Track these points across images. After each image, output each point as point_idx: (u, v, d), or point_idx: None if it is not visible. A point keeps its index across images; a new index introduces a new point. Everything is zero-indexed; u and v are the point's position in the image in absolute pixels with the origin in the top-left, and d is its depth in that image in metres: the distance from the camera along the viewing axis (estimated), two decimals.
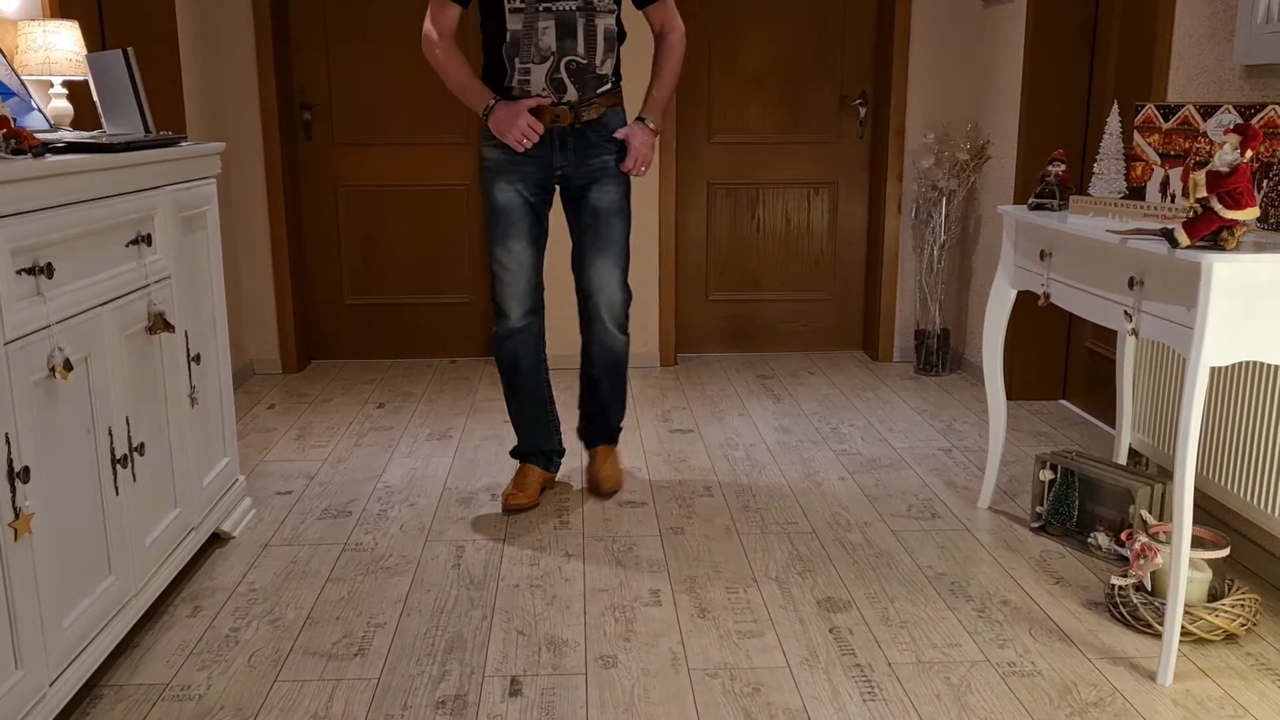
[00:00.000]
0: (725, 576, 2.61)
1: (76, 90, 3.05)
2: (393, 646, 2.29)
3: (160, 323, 2.33)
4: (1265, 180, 2.22)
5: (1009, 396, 3.54)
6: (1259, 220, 2.20)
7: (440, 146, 4.57)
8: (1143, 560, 2.32)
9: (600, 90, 2.83)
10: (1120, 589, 2.38)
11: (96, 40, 3.57)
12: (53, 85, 2.86)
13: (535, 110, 2.78)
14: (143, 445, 2.26)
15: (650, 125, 2.91)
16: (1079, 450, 2.97)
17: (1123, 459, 3.04)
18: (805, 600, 2.49)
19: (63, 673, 1.91)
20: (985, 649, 2.26)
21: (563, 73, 2.75)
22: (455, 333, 4.76)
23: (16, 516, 1.75)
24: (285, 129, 4.43)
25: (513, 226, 2.88)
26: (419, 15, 2.87)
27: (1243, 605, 2.28)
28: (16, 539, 1.75)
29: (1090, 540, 2.70)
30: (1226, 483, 2.58)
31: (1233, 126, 1.98)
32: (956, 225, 4.46)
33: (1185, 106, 2.46)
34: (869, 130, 4.69)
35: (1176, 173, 2.46)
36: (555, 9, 2.71)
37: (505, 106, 2.77)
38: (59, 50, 2.79)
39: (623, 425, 3.23)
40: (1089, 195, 2.64)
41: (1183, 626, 2.22)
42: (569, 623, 2.39)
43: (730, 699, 2.08)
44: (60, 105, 2.84)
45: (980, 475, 3.26)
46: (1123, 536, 2.47)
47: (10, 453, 1.74)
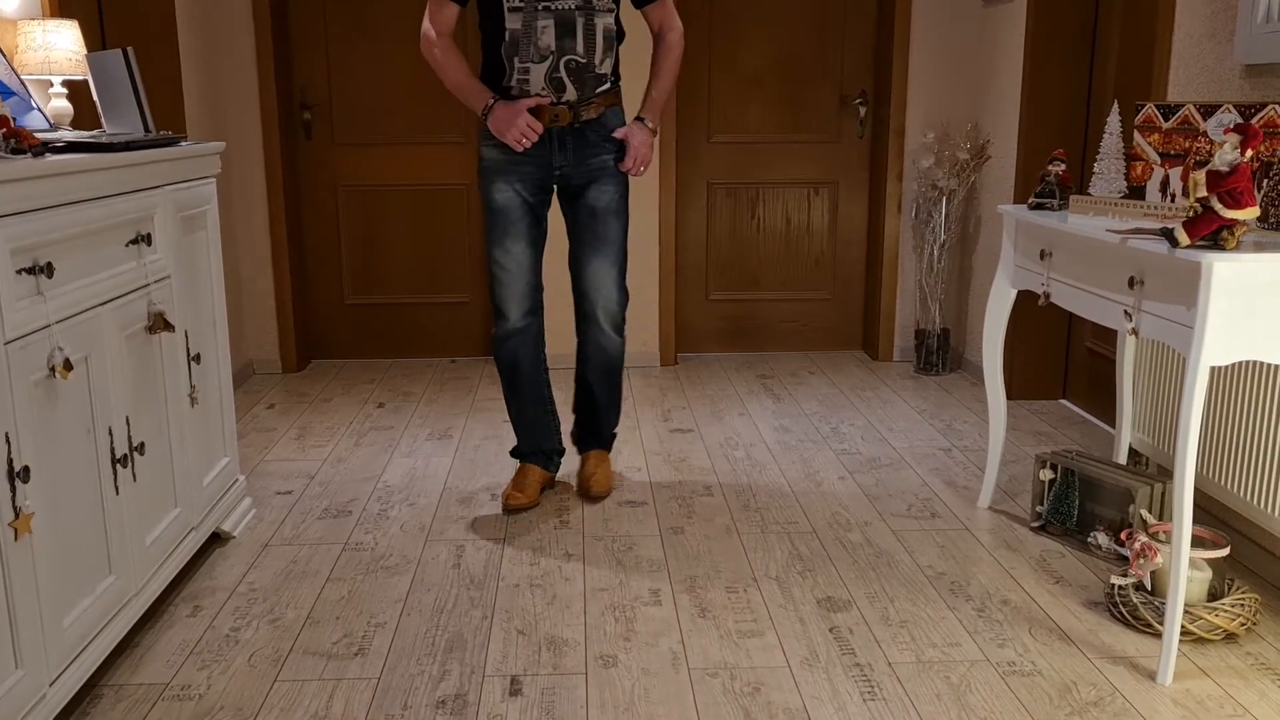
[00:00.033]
0: (725, 576, 2.61)
1: (76, 90, 3.06)
2: (393, 646, 2.29)
3: (160, 322, 2.33)
4: (1265, 180, 2.22)
5: (1009, 396, 3.55)
6: (1259, 220, 2.20)
7: (440, 146, 4.57)
8: (1143, 560, 2.32)
9: (599, 90, 2.83)
10: (1120, 588, 2.38)
11: (96, 40, 3.57)
12: (52, 85, 2.86)
13: (534, 110, 2.77)
14: (143, 445, 2.26)
15: (649, 125, 2.91)
16: (1079, 450, 2.97)
17: (1123, 459, 3.04)
18: (805, 600, 2.49)
19: (63, 672, 1.91)
20: (985, 648, 2.26)
21: (562, 72, 2.75)
22: (455, 332, 4.76)
23: (16, 516, 1.75)
24: (285, 129, 4.43)
25: (511, 227, 2.88)
26: (419, 15, 2.87)
27: (1243, 605, 2.28)
28: (16, 539, 1.75)
29: (1090, 540, 2.70)
30: (1226, 483, 2.58)
31: (1233, 126, 1.98)
32: (956, 225, 4.46)
33: (1185, 106, 2.46)
34: (869, 130, 4.69)
35: (1176, 172, 2.46)
36: (554, 8, 2.71)
37: (504, 106, 2.77)
38: (59, 50, 2.79)
39: (616, 432, 3.21)
40: (1089, 195, 2.64)
41: (1183, 626, 2.22)
42: (569, 622, 2.39)
43: (730, 699, 2.08)
44: (60, 105, 2.84)
45: (980, 475, 3.26)
46: (1123, 536, 2.47)
47: (10, 452, 1.74)
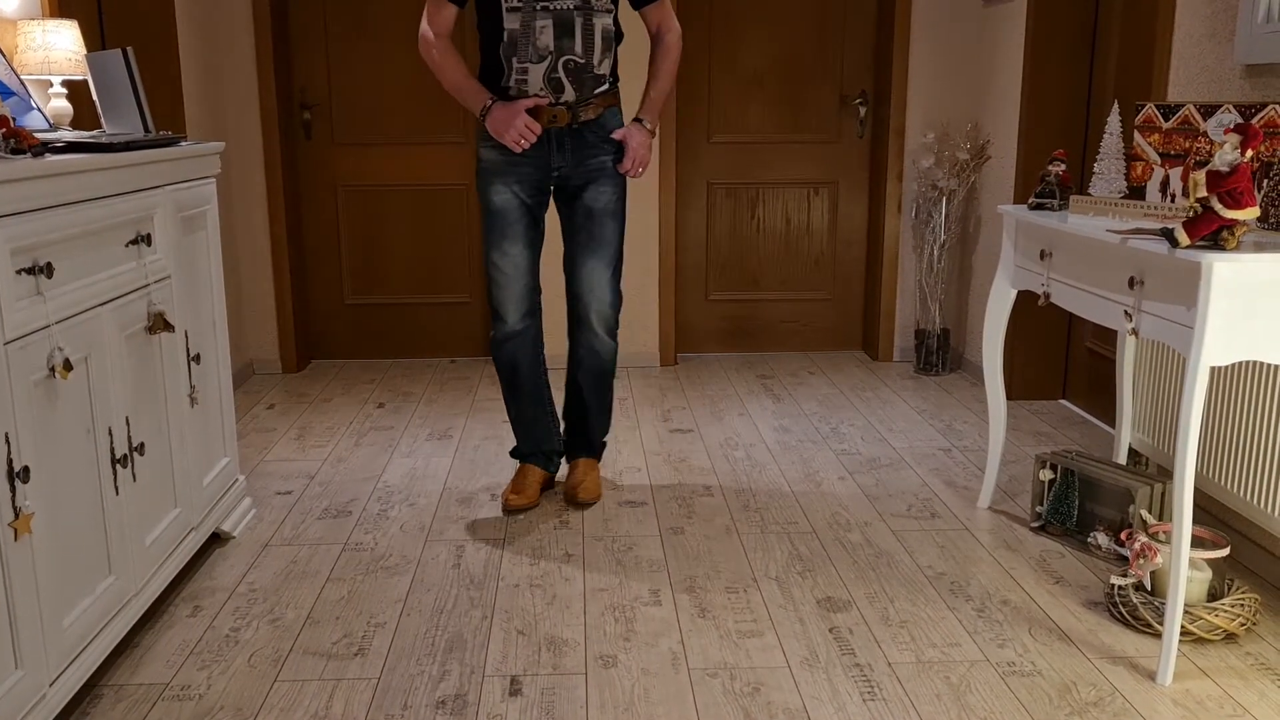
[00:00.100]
0: (725, 576, 2.61)
1: (76, 90, 3.05)
2: (393, 646, 2.29)
3: (160, 323, 2.33)
4: (1265, 180, 2.22)
5: (1009, 396, 3.55)
6: (1259, 220, 2.20)
7: (440, 146, 4.57)
8: (1142, 560, 2.32)
9: (598, 90, 2.83)
10: (1120, 589, 2.38)
11: (96, 40, 3.57)
12: (52, 85, 2.85)
13: (533, 110, 2.77)
14: (143, 445, 2.26)
15: (647, 126, 2.90)
16: (1079, 450, 2.97)
17: (1123, 459, 3.04)
18: (805, 600, 2.49)
19: (63, 672, 1.91)
20: (985, 649, 2.26)
21: (560, 72, 2.75)
22: (455, 333, 4.76)
23: (16, 516, 1.75)
24: (285, 129, 4.43)
25: (509, 229, 2.88)
26: (418, 15, 2.86)
27: (1242, 605, 2.28)
28: (16, 539, 1.75)
29: (1090, 540, 2.70)
30: (1226, 483, 2.58)
31: (1233, 126, 1.98)
32: (956, 225, 4.46)
33: (1185, 106, 2.46)
34: (869, 130, 4.69)
35: (1176, 172, 2.46)
36: (553, 8, 2.71)
37: (502, 107, 2.77)
38: (58, 50, 2.79)
39: (606, 441, 3.19)
40: (1089, 195, 2.64)
41: (1182, 626, 2.22)
42: (569, 622, 2.39)
43: (730, 699, 2.08)
44: (60, 105, 2.84)
45: (980, 475, 3.26)
46: (1123, 536, 2.47)
47: (10, 453, 1.74)
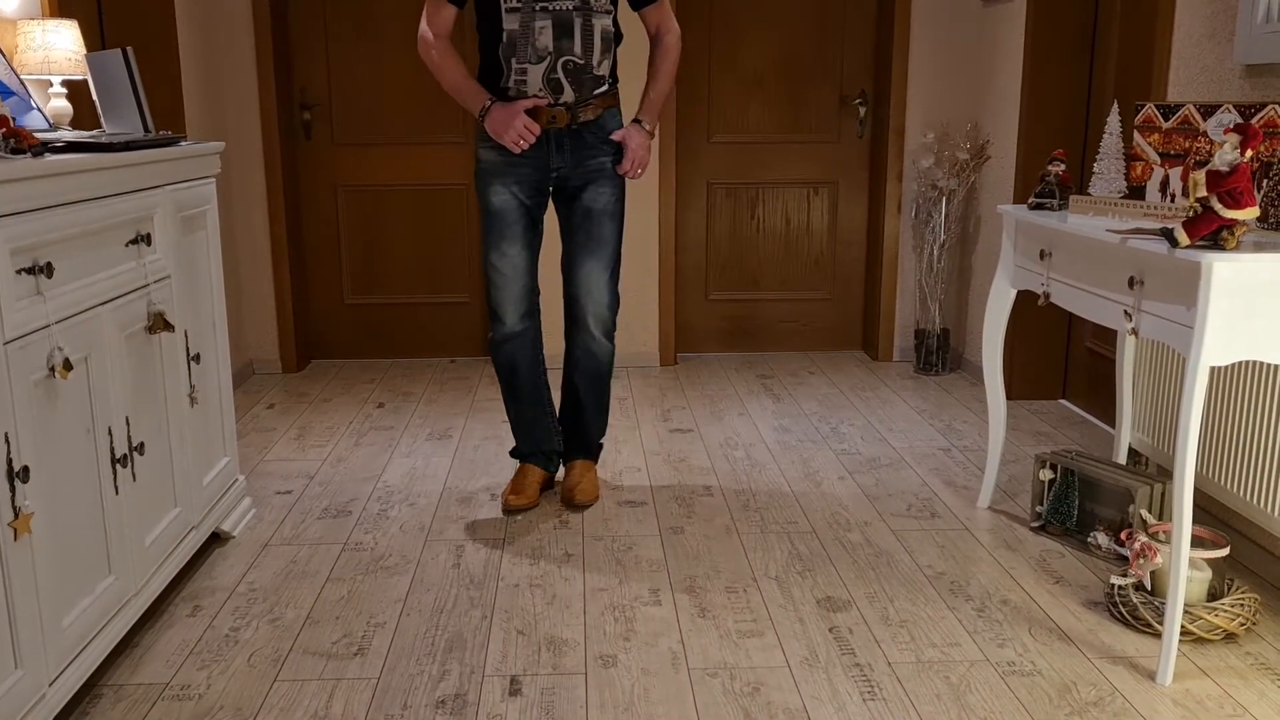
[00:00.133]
0: (725, 576, 2.61)
1: (76, 90, 3.05)
2: (393, 646, 2.29)
3: (160, 322, 2.33)
4: (1265, 180, 2.22)
5: (1009, 396, 3.55)
6: (1259, 220, 2.20)
7: (440, 146, 4.57)
8: (1142, 560, 2.32)
9: (597, 91, 2.83)
10: (1120, 588, 2.38)
11: (96, 40, 3.57)
12: (52, 84, 2.85)
13: (532, 111, 2.77)
14: (142, 445, 2.26)
15: (646, 127, 2.90)
16: (1079, 450, 2.97)
17: (1123, 459, 3.04)
18: (805, 600, 2.49)
19: (62, 672, 1.91)
20: (985, 648, 2.26)
21: (559, 73, 2.75)
22: (455, 332, 4.76)
23: (16, 516, 1.75)
24: (285, 129, 4.43)
25: (507, 230, 2.87)
26: (418, 15, 2.86)
27: (1242, 605, 2.28)
28: (16, 539, 1.75)
29: (1090, 540, 2.70)
30: (1226, 483, 2.58)
31: (1233, 126, 1.98)
32: (956, 225, 4.45)
33: (1185, 106, 2.46)
34: (869, 130, 4.69)
35: (1176, 172, 2.46)
36: (552, 9, 2.70)
37: (501, 107, 2.77)
38: (58, 49, 2.79)
39: (603, 443, 3.19)
40: (1089, 195, 2.64)
41: (1182, 626, 2.22)
42: (569, 622, 2.39)
43: (730, 699, 2.08)
44: (60, 104, 2.84)
45: (980, 475, 3.26)
46: (1122, 536, 2.47)
47: (10, 452, 1.74)
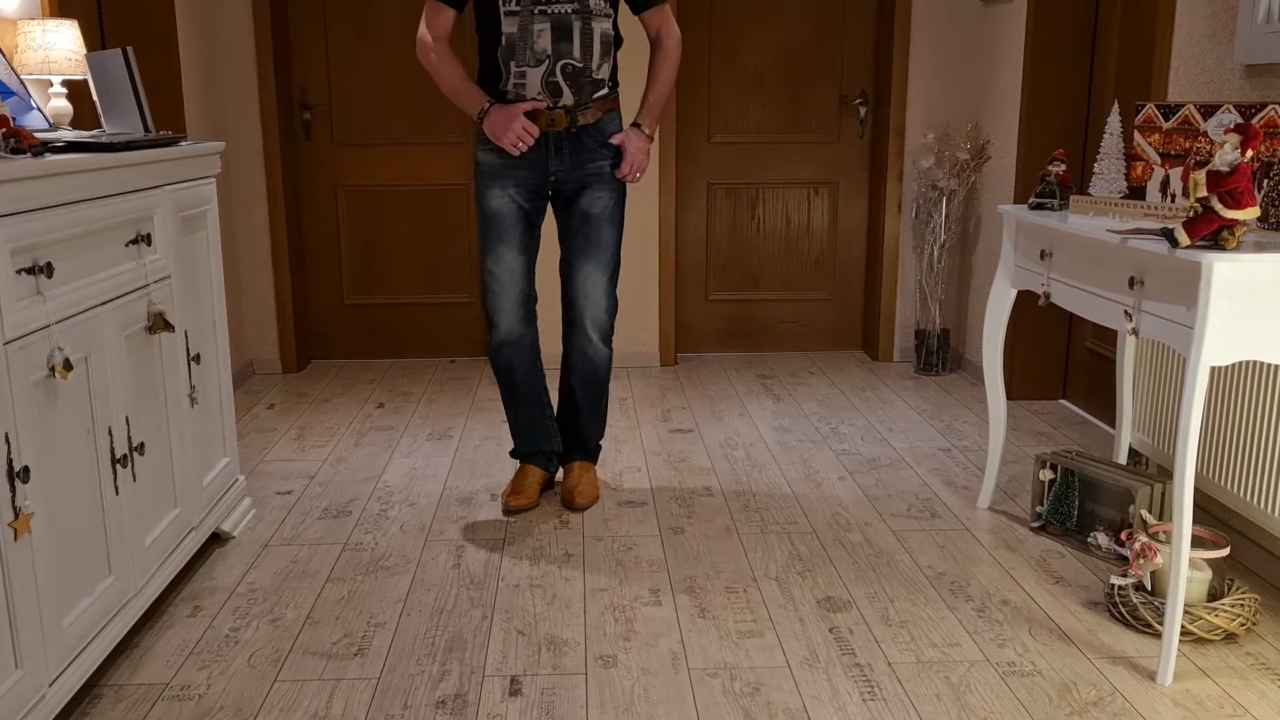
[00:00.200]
0: (725, 576, 2.61)
1: (76, 89, 3.05)
2: (393, 646, 2.29)
3: (160, 322, 2.33)
4: (1265, 180, 2.22)
5: (1009, 396, 3.55)
6: (1259, 220, 2.20)
7: (440, 146, 4.57)
8: (1142, 560, 2.32)
9: (596, 95, 2.82)
10: (1120, 589, 2.38)
11: (96, 40, 3.57)
12: (52, 84, 2.85)
13: (531, 114, 2.77)
14: (142, 445, 2.26)
15: (645, 131, 2.89)
16: (1079, 450, 2.97)
17: (1123, 459, 3.04)
18: (805, 600, 2.49)
19: (62, 673, 1.91)
20: (985, 649, 2.26)
21: (558, 76, 2.74)
22: (455, 333, 4.76)
23: (16, 516, 1.75)
24: (285, 129, 4.43)
25: (505, 234, 2.87)
26: (418, 16, 2.86)
27: (1242, 605, 2.28)
28: (16, 539, 1.75)
29: (1090, 540, 2.70)
30: (1226, 483, 2.58)
31: (1233, 126, 1.98)
32: (956, 225, 4.45)
33: (1185, 106, 2.46)
34: (869, 130, 4.69)
35: (1176, 172, 2.46)
36: (550, 12, 2.70)
37: (500, 110, 2.76)
38: (58, 49, 2.79)
39: (602, 444, 3.18)
40: (1089, 195, 2.64)
41: (1182, 626, 2.22)
42: (569, 622, 2.39)
43: (730, 699, 2.08)
44: (60, 104, 2.84)
45: (980, 475, 3.26)
46: (1123, 536, 2.47)
47: (10, 453, 1.74)
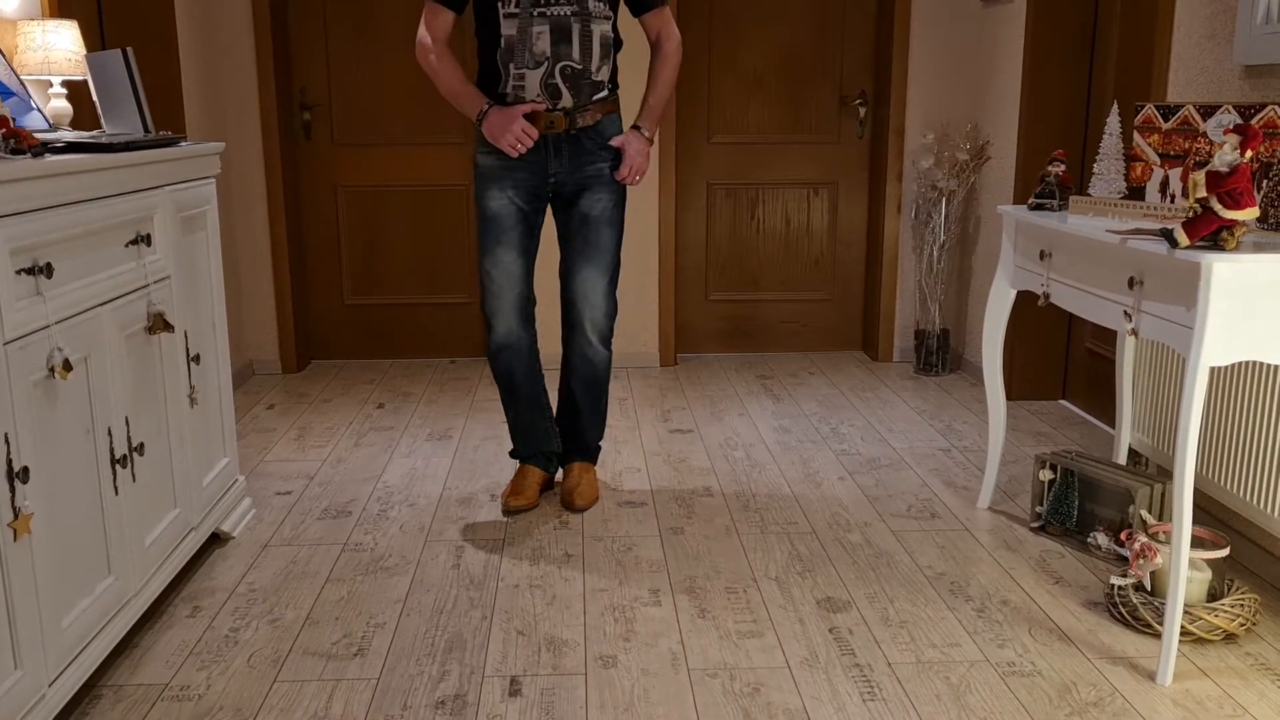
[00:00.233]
0: (725, 576, 2.61)
1: (76, 90, 3.05)
2: (392, 646, 2.29)
3: (160, 323, 2.33)
4: (1265, 180, 2.22)
5: (1009, 396, 3.54)
6: (1259, 220, 2.20)
7: (440, 146, 4.57)
8: (1142, 560, 2.32)
9: (596, 97, 2.82)
10: (1120, 589, 2.38)
11: (96, 40, 3.57)
12: (52, 85, 2.85)
13: (530, 116, 2.76)
14: (142, 445, 2.26)
15: (645, 134, 2.89)
16: (1079, 450, 2.97)
17: (1123, 459, 3.04)
18: (805, 600, 2.49)
19: (62, 673, 1.91)
20: (985, 649, 2.26)
21: (557, 78, 2.74)
22: (455, 333, 4.76)
23: (16, 517, 1.75)
24: (285, 129, 4.43)
25: (503, 235, 2.87)
26: (418, 16, 2.86)
27: (1242, 605, 2.28)
28: (16, 539, 1.75)
29: (1090, 540, 2.70)
30: (1226, 483, 2.58)
31: (1232, 126, 1.98)
32: (956, 225, 4.45)
33: (1185, 107, 2.46)
34: (869, 130, 4.69)
35: (1176, 173, 2.46)
36: (550, 14, 2.70)
37: (499, 112, 2.76)
38: (58, 50, 2.79)
39: (601, 444, 3.18)
40: (1089, 195, 2.64)
41: (1182, 626, 2.22)
42: (569, 623, 2.39)
43: (730, 699, 2.08)
44: (59, 105, 2.84)
45: (980, 475, 3.26)
46: (1122, 536, 2.47)
47: (10, 453, 1.74)
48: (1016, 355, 3.97)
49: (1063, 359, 4.05)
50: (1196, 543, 2.35)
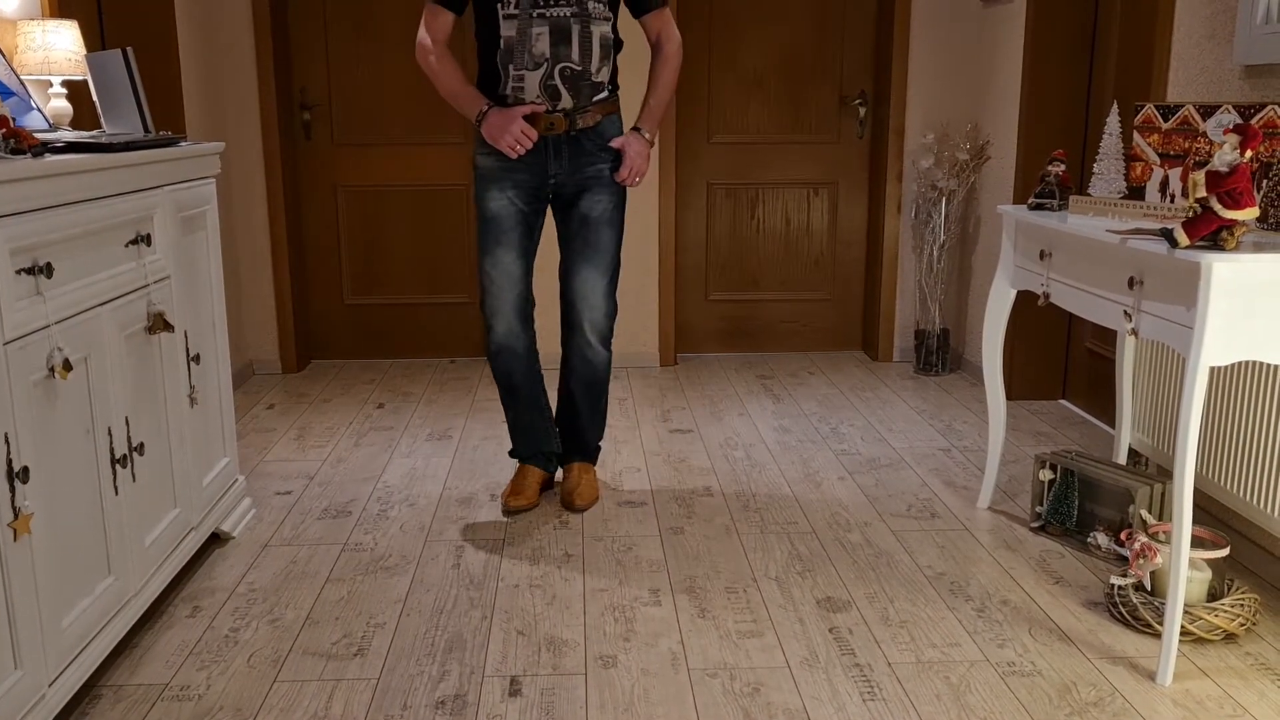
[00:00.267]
0: (725, 576, 2.61)
1: (76, 90, 3.05)
2: (392, 646, 2.29)
3: (160, 323, 2.33)
4: (1265, 180, 2.22)
5: (1009, 396, 3.55)
6: (1258, 220, 2.20)
7: (440, 146, 4.57)
8: (1142, 560, 2.32)
9: (596, 98, 2.82)
10: (1120, 589, 2.38)
11: (96, 40, 3.57)
12: (52, 85, 2.85)
13: (530, 117, 2.76)
14: (142, 445, 2.26)
15: (645, 135, 2.89)
16: (1079, 450, 2.97)
17: (1122, 459, 3.04)
18: (805, 600, 2.49)
19: (62, 673, 1.91)
20: (985, 649, 2.26)
21: (557, 79, 2.74)
22: (455, 333, 4.76)
23: (16, 517, 1.75)
24: (285, 129, 4.43)
25: (503, 236, 2.86)
26: (418, 16, 2.86)
27: (1242, 605, 2.28)
28: (16, 539, 1.75)
29: (1090, 540, 2.70)
30: (1226, 483, 2.58)
31: (1232, 126, 1.98)
32: (956, 225, 4.45)
33: (1185, 106, 2.46)
34: (869, 130, 4.69)
35: (1176, 173, 2.46)
36: (549, 15, 2.70)
37: (498, 113, 2.76)
38: (58, 50, 2.79)
39: (601, 445, 3.18)
40: (1089, 195, 2.64)
41: (1182, 626, 2.22)
42: (569, 623, 2.39)
43: (730, 699, 2.08)
44: (59, 105, 2.84)
45: (980, 475, 3.26)
46: (1122, 536, 2.47)
47: (10, 453, 1.74)
48: (1016, 355, 3.97)
49: (1063, 359, 4.05)
50: (1196, 543, 2.35)
